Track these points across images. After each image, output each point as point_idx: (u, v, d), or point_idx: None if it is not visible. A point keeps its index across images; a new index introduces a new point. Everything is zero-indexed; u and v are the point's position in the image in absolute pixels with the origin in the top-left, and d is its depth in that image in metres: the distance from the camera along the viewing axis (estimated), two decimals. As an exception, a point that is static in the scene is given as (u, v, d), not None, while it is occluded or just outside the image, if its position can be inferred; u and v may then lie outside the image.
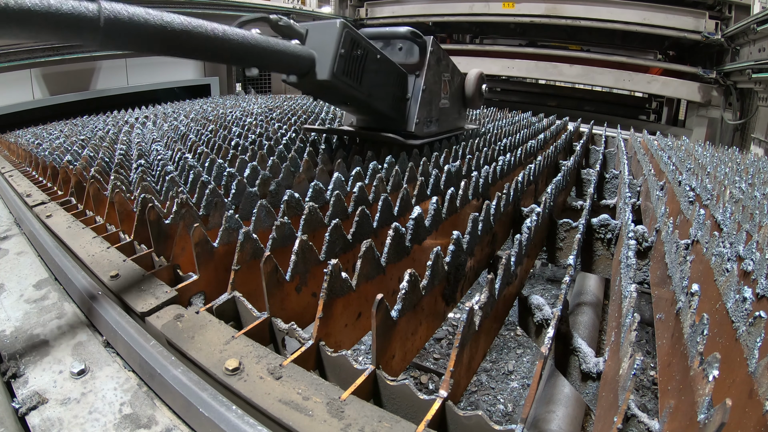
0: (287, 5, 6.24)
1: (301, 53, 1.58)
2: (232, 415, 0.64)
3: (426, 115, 2.16)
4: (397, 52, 2.12)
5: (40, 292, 1.05)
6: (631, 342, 0.65)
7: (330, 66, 1.61)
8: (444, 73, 2.28)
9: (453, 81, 2.40)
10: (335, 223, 1.04)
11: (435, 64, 2.15)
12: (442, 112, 2.34)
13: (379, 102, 1.97)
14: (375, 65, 1.85)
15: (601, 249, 1.62)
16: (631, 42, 6.41)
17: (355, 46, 1.71)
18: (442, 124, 2.38)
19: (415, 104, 2.09)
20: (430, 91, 2.16)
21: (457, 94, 2.49)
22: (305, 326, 0.91)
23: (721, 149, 3.62)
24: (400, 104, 2.10)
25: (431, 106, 2.20)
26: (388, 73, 1.99)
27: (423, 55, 2.08)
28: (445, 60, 2.25)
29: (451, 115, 2.47)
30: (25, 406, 0.70)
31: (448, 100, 2.38)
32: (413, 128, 2.10)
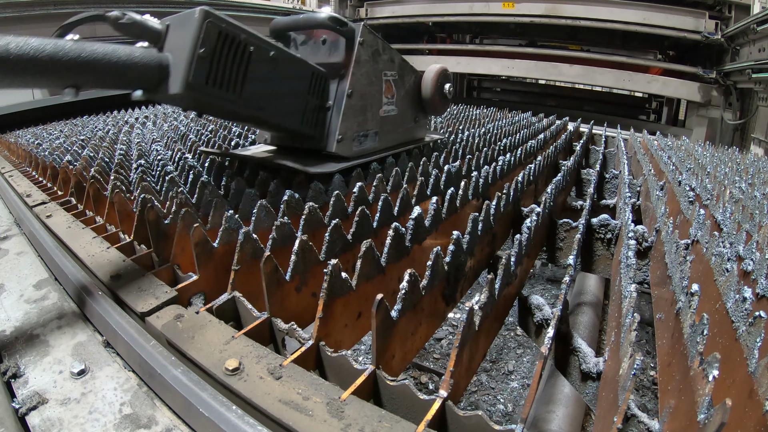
0: (287, 5, 6.24)
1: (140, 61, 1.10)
2: (232, 415, 0.64)
3: (356, 127, 1.65)
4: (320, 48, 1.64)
5: (40, 292, 1.05)
6: (631, 342, 0.65)
7: (183, 75, 1.12)
8: (386, 71, 1.78)
9: (402, 81, 1.88)
10: (335, 223, 1.04)
11: (369, 59, 1.66)
12: (385, 122, 1.82)
13: (278, 116, 1.46)
14: (266, 66, 1.34)
15: (601, 249, 1.62)
16: (631, 42, 6.41)
17: (227, 42, 1.21)
18: (385, 138, 1.85)
19: (338, 114, 1.57)
20: (362, 95, 1.65)
21: (409, 98, 1.96)
22: (305, 326, 0.91)
23: (721, 149, 3.62)
24: (317, 116, 1.58)
25: (365, 114, 1.69)
26: (292, 75, 1.47)
27: (349, 48, 1.58)
28: (386, 54, 1.75)
29: (400, 124, 1.93)
30: (25, 406, 0.70)
31: (394, 106, 1.86)
32: (334, 147, 1.58)
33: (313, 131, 1.59)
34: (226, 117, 1.62)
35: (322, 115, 1.60)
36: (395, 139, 1.94)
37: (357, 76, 1.61)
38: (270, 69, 1.37)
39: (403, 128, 1.98)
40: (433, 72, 2.01)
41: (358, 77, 1.61)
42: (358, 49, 1.59)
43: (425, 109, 2.08)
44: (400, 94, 1.89)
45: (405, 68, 1.90)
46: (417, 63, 3.79)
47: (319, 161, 1.58)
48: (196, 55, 1.14)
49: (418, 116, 2.08)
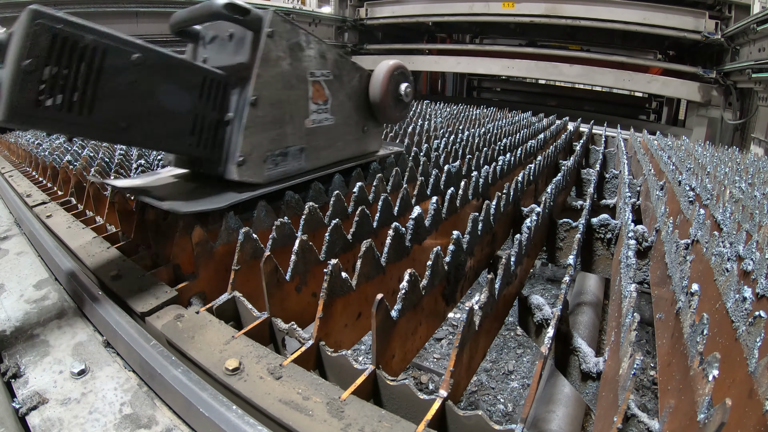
0: (287, 5, 6.24)
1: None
2: (232, 415, 0.64)
3: (268, 144, 1.25)
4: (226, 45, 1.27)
5: (40, 292, 1.05)
6: (631, 342, 0.65)
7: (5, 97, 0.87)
8: (314, 69, 1.36)
9: (341, 82, 1.48)
10: (335, 223, 1.04)
11: (285, 56, 1.26)
12: (315, 134, 1.40)
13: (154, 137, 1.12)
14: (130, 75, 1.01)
15: (601, 249, 1.62)
16: (631, 42, 6.41)
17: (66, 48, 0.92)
18: (317, 155, 1.43)
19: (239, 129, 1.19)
20: (275, 102, 1.25)
21: (353, 103, 1.56)
22: (305, 326, 0.91)
23: (721, 149, 3.62)
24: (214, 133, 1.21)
25: (282, 127, 1.28)
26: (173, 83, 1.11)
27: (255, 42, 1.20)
28: (313, 48, 1.35)
29: (340, 137, 1.52)
30: (26, 406, 0.70)
31: (330, 114, 1.46)
32: (234, 173, 1.19)
33: (210, 153, 1.21)
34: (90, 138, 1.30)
35: (222, 131, 1.22)
36: (333, 155, 1.50)
37: (265, 78, 1.20)
38: (135, 78, 1.02)
39: (344, 141, 1.54)
40: (384, 70, 1.58)
41: (266, 80, 1.20)
42: (265, 43, 1.18)
43: (376, 116, 1.65)
44: (338, 99, 1.47)
45: (344, 66, 1.48)
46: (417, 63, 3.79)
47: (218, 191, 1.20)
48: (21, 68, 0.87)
49: (368, 125, 1.64)
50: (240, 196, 1.19)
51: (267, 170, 1.27)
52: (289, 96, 1.30)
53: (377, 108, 1.61)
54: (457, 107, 4.44)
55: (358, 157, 1.66)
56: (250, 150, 1.20)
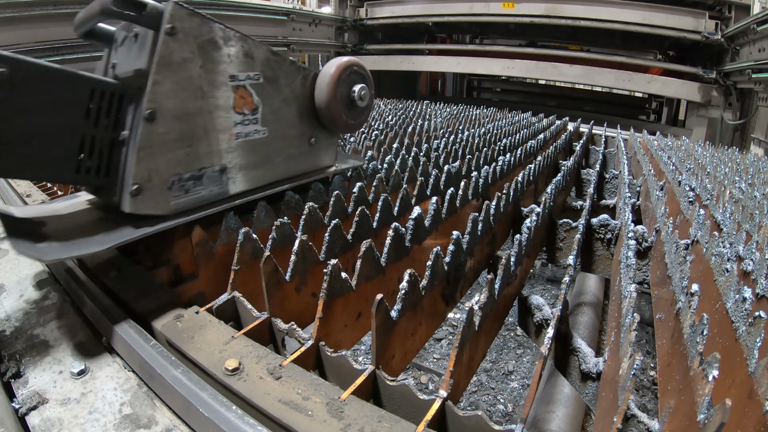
0: (287, 5, 6.24)
1: None
2: (232, 415, 0.64)
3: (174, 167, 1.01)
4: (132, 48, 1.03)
5: (40, 292, 1.05)
6: (631, 342, 0.66)
7: None
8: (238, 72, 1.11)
9: (276, 85, 1.22)
10: (335, 223, 1.04)
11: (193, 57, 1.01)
12: (241, 151, 1.15)
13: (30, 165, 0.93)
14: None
15: (601, 249, 1.62)
16: (631, 42, 6.41)
17: None
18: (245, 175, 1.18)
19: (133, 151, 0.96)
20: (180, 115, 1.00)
21: (294, 110, 1.29)
22: (305, 326, 0.91)
23: (721, 149, 3.62)
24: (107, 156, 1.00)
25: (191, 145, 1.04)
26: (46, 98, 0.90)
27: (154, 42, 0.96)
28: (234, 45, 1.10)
29: (276, 152, 1.26)
30: (25, 406, 0.70)
31: (263, 125, 1.19)
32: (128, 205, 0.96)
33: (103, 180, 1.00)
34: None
35: (116, 153, 1.00)
36: (268, 174, 1.24)
37: (166, 86, 0.97)
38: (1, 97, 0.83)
39: (283, 157, 1.28)
40: (333, 69, 1.31)
41: (168, 88, 0.97)
42: (164, 42, 0.95)
43: (326, 126, 1.38)
44: (272, 106, 1.21)
45: (280, 66, 1.22)
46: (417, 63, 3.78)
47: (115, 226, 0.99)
48: None
49: (317, 136, 1.37)
50: (134, 233, 0.96)
51: (174, 199, 1.02)
52: (202, 106, 1.05)
53: (325, 115, 1.33)
54: (457, 107, 4.44)
55: (303, 174, 1.37)
56: (148, 175, 0.96)
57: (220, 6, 4.88)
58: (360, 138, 2.58)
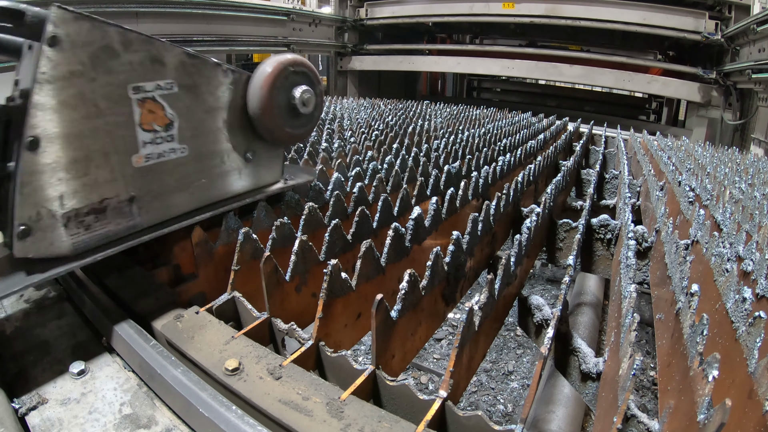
0: (287, 5, 6.24)
1: None
2: (232, 415, 0.64)
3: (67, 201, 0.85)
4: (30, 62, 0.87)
5: (40, 292, 1.05)
6: (631, 342, 0.66)
7: None
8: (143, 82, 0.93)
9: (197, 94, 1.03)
10: (335, 224, 1.04)
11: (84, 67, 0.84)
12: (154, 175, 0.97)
13: None
14: None
15: (601, 249, 1.62)
16: (631, 42, 6.41)
17: None
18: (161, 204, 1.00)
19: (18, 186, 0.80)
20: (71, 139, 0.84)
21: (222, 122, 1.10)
22: (305, 326, 0.91)
23: (721, 149, 3.62)
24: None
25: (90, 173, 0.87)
26: None
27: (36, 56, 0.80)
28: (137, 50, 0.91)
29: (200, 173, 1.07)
30: (25, 406, 0.70)
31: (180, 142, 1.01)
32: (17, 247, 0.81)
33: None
34: None
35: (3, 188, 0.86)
36: (192, 199, 1.06)
37: (49, 106, 0.80)
38: None
39: (210, 177, 1.09)
40: (268, 70, 1.11)
41: (51, 108, 0.81)
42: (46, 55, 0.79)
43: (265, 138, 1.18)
44: (193, 120, 1.02)
45: (201, 71, 1.03)
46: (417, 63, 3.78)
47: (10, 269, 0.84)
48: None
49: (254, 150, 1.18)
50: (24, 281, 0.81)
51: (72, 238, 0.86)
52: (98, 126, 0.87)
53: (261, 125, 1.14)
54: (457, 107, 4.45)
55: (241, 195, 1.18)
56: (36, 213, 0.81)
57: (220, 6, 4.88)
58: (360, 138, 2.58)
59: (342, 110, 3.98)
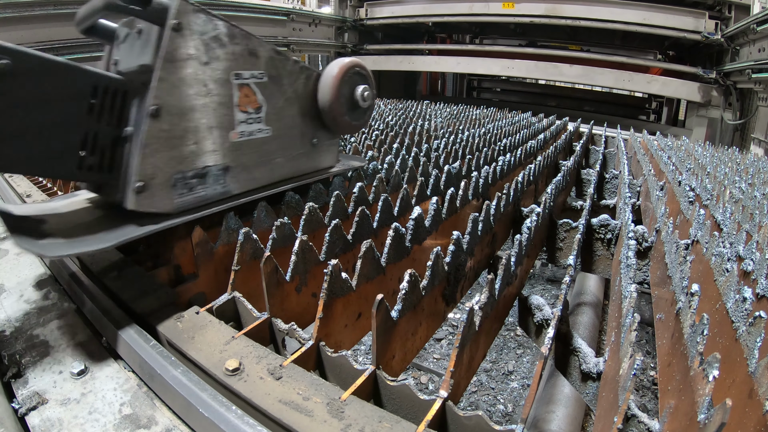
0: (287, 5, 6.24)
1: None
2: (232, 415, 0.64)
3: (177, 165, 1.01)
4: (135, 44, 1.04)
5: (40, 292, 1.05)
6: (631, 342, 0.65)
7: None
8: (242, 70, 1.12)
9: (280, 85, 1.23)
10: (335, 224, 1.04)
11: (199, 53, 1.02)
12: (244, 150, 1.15)
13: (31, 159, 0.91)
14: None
15: (601, 249, 1.62)
16: (631, 42, 6.42)
17: None
18: (247, 175, 1.18)
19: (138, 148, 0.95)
20: (185, 112, 1.00)
21: (297, 110, 1.29)
22: (305, 326, 0.91)
23: (721, 149, 3.62)
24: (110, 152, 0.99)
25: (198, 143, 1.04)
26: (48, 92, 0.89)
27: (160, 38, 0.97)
28: (240, 43, 1.10)
29: (280, 151, 1.26)
30: (25, 407, 0.70)
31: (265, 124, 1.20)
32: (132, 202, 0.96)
33: (107, 176, 0.99)
34: None
35: (120, 150, 0.99)
36: (270, 174, 1.24)
37: (171, 82, 0.96)
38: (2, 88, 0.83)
39: (285, 157, 1.28)
40: (336, 70, 1.31)
41: (172, 84, 0.97)
42: (170, 38, 0.95)
43: (329, 126, 1.39)
44: (276, 106, 1.21)
45: (284, 65, 1.22)
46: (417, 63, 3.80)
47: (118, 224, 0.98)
48: None
49: (318, 137, 1.37)
50: (137, 231, 0.95)
51: (177, 197, 1.01)
52: (207, 103, 1.04)
53: (327, 116, 1.34)
54: (457, 107, 4.44)
55: (305, 175, 1.37)
56: (152, 173, 0.96)
57: (220, 6, 4.88)
58: (360, 138, 2.58)
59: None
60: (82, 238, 0.94)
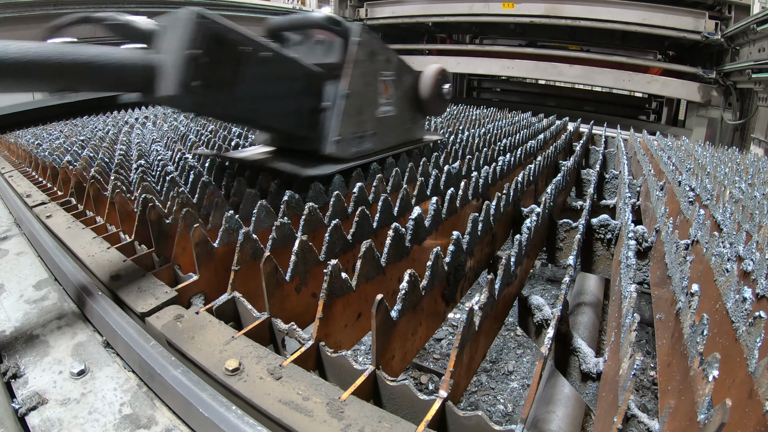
0: (287, 5, 6.24)
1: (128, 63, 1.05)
2: (232, 415, 0.64)
3: (354, 128, 1.62)
4: (315, 48, 1.63)
5: (40, 293, 1.05)
6: (631, 342, 0.65)
7: (173, 76, 1.08)
8: (383, 71, 1.75)
9: (400, 81, 1.87)
10: (335, 224, 1.04)
11: (366, 59, 1.63)
12: (382, 122, 1.79)
13: (273, 117, 1.47)
14: (260, 68, 1.32)
15: (601, 249, 1.62)
16: (631, 42, 6.41)
17: (219, 43, 1.18)
18: (383, 139, 1.83)
19: (334, 115, 1.55)
20: (359, 95, 1.62)
21: (407, 98, 1.95)
22: (305, 326, 0.91)
23: (721, 149, 3.62)
24: (312, 117, 1.56)
25: (362, 116, 1.66)
26: (287, 76, 1.45)
27: (346, 48, 1.56)
28: (384, 54, 1.74)
29: (398, 125, 1.92)
30: (25, 407, 0.70)
31: (392, 107, 1.84)
32: (332, 148, 1.54)
33: (308, 132, 1.58)
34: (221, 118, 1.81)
35: (318, 116, 1.57)
36: (393, 139, 1.92)
37: (354, 76, 1.57)
38: (264, 70, 1.34)
39: (400, 129, 1.96)
40: (432, 72, 2.00)
41: (355, 78, 1.58)
42: (355, 49, 1.56)
43: (423, 110, 2.07)
44: (398, 95, 1.85)
45: (402, 68, 1.87)
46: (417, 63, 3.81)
47: (316, 163, 1.53)
48: (187, 56, 1.09)
49: (416, 117, 2.07)
50: (336, 167, 1.55)
51: (353, 148, 1.66)
52: (368, 91, 1.70)
53: (425, 103, 2.03)
54: (457, 107, 4.44)
55: (408, 142, 2.08)
56: (343, 132, 1.59)
57: (220, 6, 4.88)
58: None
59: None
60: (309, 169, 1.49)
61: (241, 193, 1.41)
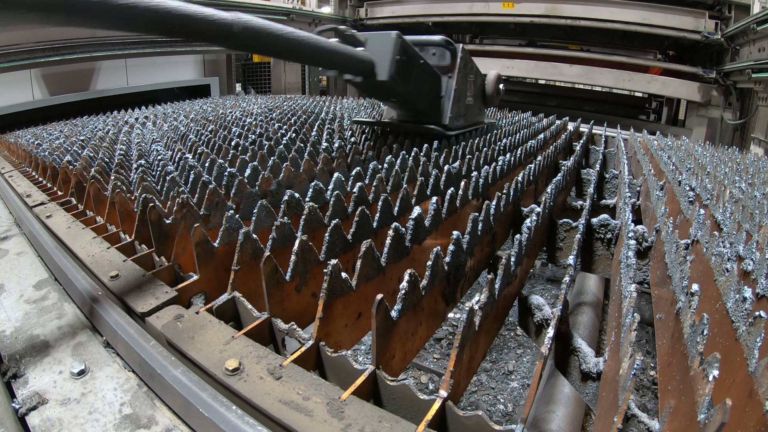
0: (287, 5, 6.23)
1: (365, 58, 1.99)
2: (232, 415, 0.64)
3: (456, 110, 2.59)
4: (430, 57, 2.55)
5: (40, 293, 1.05)
6: (631, 342, 0.65)
7: (388, 68, 2.00)
8: (469, 74, 2.69)
9: (476, 81, 2.83)
10: (335, 224, 1.04)
11: (463, 67, 2.57)
12: (467, 108, 2.77)
13: (420, 99, 2.44)
14: (418, 68, 2.26)
15: (601, 249, 1.62)
16: (631, 42, 6.41)
17: (405, 52, 2.08)
18: (467, 119, 2.80)
19: (448, 101, 2.53)
20: (460, 90, 2.58)
21: (479, 93, 2.91)
22: (305, 326, 0.91)
23: (721, 149, 3.62)
24: (436, 101, 2.54)
25: (460, 103, 2.63)
26: (428, 74, 2.40)
27: (454, 59, 2.53)
28: (470, 63, 2.69)
29: (474, 111, 2.91)
30: (25, 407, 0.70)
31: (472, 98, 2.80)
32: (447, 122, 2.53)
33: (433, 111, 2.55)
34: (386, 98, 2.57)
35: (438, 101, 2.55)
36: (471, 120, 2.90)
37: (458, 77, 2.55)
38: (420, 70, 2.29)
39: (475, 113, 2.96)
40: (494, 75, 2.99)
41: (459, 78, 2.56)
42: (459, 60, 2.54)
43: (486, 102, 3.03)
44: (475, 91, 2.85)
45: (477, 73, 2.85)
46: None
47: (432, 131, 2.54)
48: (395, 58, 2.02)
49: (482, 106, 3.06)
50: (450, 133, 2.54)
51: (455, 123, 2.63)
52: (463, 87, 2.65)
53: (489, 97, 2.98)
54: (457, 107, 4.44)
55: (478, 123, 3.03)
56: (454, 112, 2.57)
57: (220, 6, 4.88)
58: (360, 138, 2.59)
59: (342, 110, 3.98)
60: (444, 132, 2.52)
61: (248, 194, 1.41)
